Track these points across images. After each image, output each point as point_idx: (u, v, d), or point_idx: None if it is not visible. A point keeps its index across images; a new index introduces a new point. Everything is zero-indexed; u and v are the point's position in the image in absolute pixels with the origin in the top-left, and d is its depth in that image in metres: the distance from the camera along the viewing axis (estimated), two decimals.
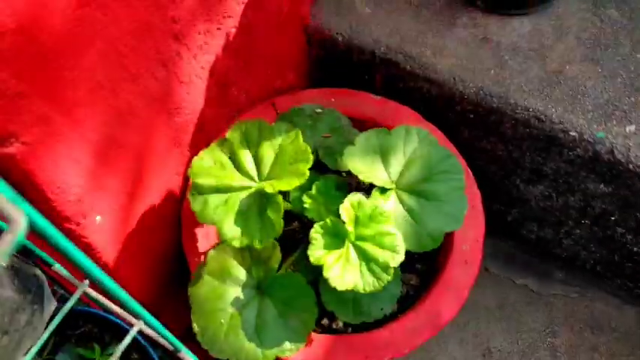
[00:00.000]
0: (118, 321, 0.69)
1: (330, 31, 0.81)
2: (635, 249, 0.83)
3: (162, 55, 0.56)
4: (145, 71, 0.54)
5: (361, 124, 0.76)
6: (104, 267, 0.63)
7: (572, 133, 0.71)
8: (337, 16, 0.81)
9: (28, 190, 0.48)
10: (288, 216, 0.68)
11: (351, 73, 0.84)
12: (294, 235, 0.73)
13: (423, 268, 0.73)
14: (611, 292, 0.94)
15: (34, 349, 0.52)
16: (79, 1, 0.43)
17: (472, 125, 0.79)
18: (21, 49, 0.40)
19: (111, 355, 0.74)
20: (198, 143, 0.71)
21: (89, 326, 0.77)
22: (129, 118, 0.55)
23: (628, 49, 0.76)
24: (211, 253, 0.64)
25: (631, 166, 0.70)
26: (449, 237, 0.69)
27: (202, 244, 0.68)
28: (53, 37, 0.42)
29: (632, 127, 0.71)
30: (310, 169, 0.71)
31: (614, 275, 0.91)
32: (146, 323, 0.49)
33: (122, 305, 0.45)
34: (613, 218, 0.80)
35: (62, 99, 0.46)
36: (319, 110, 0.75)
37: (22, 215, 0.22)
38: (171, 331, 0.59)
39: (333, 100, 0.77)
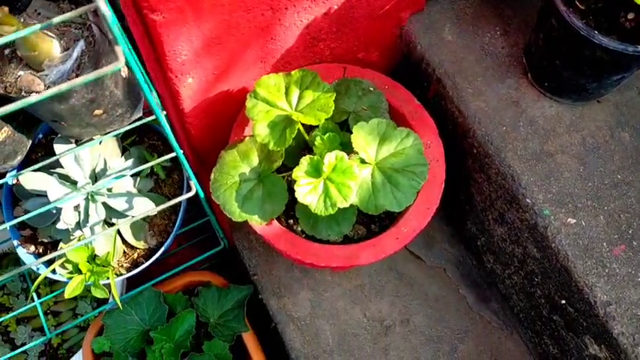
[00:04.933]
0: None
1: (415, 39, 1.03)
2: (544, 312, 1.02)
3: (273, 3, 0.83)
4: (257, 8, 0.82)
5: (396, 114, 1.00)
6: (180, 111, 0.94)
7: (528, 200, 0.91)
8: (425, 31, 1.03)
9: (161, 45, 0.78)
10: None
11: (417, 75, 1.06)
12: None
13: (375, 229, 0.98)
14: (524, 339, 1.14)
15: (117, 132, 0.84)
16: None
17: (474, 158, 1.00)
18: None
19: (163, 167, 1.06)
20: (278, 67, 0.98)
21: (159, 142, 1.10)
22: (234, 31, 0.83)
23: (614, 168, 0.92)
24: (247, 138, 0.93)
25: (553, 246, 0.89)
26: (398, 216, 0.93)
27: (245, 130, 0.97)
28: None
29: (573, 221, 0.89)
30: (337, 124, 0.97)
31: (528, 327, 1.11)
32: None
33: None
34: (536, 280, 0.99)
35: (195, 3, 0.74)
36: (372, 89, 0.99)
37: (123, 58, 0.51)
38: None
39: (386, 87, 1.00)
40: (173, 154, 0.84)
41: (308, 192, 0.84)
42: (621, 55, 0.78)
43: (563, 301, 0.94)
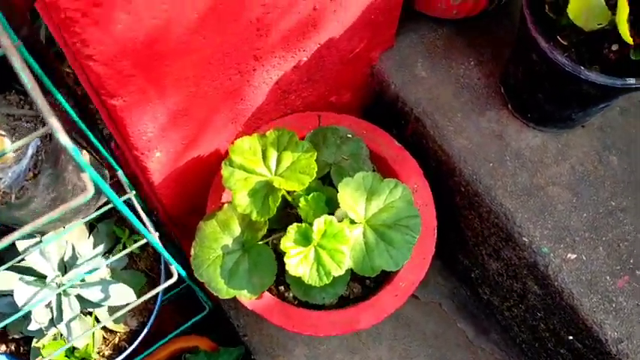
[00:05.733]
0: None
1: (388, 77, 0.98)
2: (549, 345, 0.99)
3: (241, 67, 0.77)
4: (224, 75, 0.76)
5: (377, 159, 0.96)
6: (151, 184, 0.87)
7: (525, 239, 0.88)
8: (397, 68, 0.98)
9: (124, 127, 0.72)
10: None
11: (393, 114, 1.02)
12: (294, 218, 0.95)
13: (370, 284, 0.93)
14: None
15: (84, 220, 0.77)
16: (189, 30, 0.64)
17: (462, 195, 0.96)
18: (141, 51, 0.62)
19: (135, 240, 1.00)
20: (251, 124, 0.92)
21: None
22: (201, 100, 0.77)
23: (606, 195, 0.90)
24: (225, 206, 0.87)
25: (556, 284, 0.86)
26: (394, 272, 0.89)
27: (223, 197, 0.91)
28: (164, 48, 0.64)
29: (573, 256, 0.86)
30: (320, 179, 0.92)
31: (532, 358, 1.08)
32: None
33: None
34: (539, 315, 0.96)
35: (157, 82, 0.68)
36: (350, 135, 0.95)
37: (92, 188, 0.44)
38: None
39: (364, 132, 0.96)
40: (144, 241, 0.78)
41: (299, 262, 0.79)
42: (609, 88, 0.75)
43: (571, 337, 0.91)
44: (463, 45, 1.00)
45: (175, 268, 0.80)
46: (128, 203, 0.83)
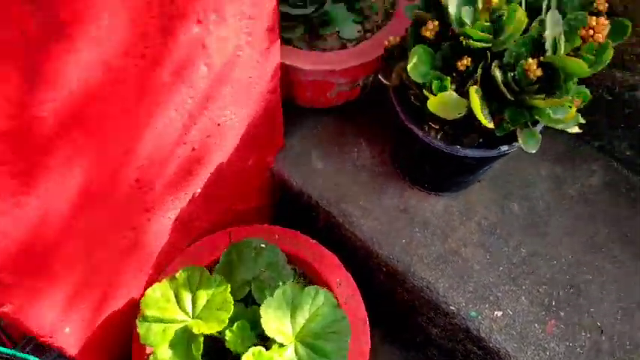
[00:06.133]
0: None
1: (288, 176, 0.99)
2: None
3: (133, 223, 0.76)
4: (116, 237, 0.74)
5: (296, 261, 0.96)
6: (70, 357, 0.84)
7: (452, 308, 0.90)
8: (294, 165, 0.99)
9: (25, 327, 0.68)
10: None
11: (301, 209, 1.02)
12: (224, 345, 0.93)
13: None
14: None
15: None
16: (65, 222, 0.63)
17: (384, 274, 0.97)
18: (17, 258, 0.60)
19: None
20: (161, 262, 0.90)
21: None
22: (99, 268, 0.75)
23: (515, 243, 0.93)
24: (151, 358, 0.84)
25: (491, 345, 0.88)
26: None
27: (147, 348, 0.88)
28: (41, 248, 0.62)
29: (500, 313, 0.89)
30: (241, 300, 0.91)
31: None
32: None
33: None
34: None
35: (44, 275, 0.65)
36: (263, 245, 0.94)
37: None
38: None
39: (276, 237, 0.96)
40: None
41: None
42: (487, 158, 0.79)
43: None
44: (349, 127, 1.02)
45: None
46: None
